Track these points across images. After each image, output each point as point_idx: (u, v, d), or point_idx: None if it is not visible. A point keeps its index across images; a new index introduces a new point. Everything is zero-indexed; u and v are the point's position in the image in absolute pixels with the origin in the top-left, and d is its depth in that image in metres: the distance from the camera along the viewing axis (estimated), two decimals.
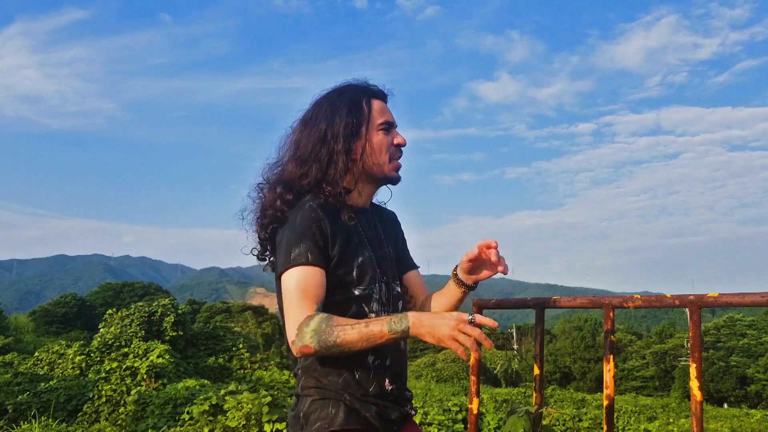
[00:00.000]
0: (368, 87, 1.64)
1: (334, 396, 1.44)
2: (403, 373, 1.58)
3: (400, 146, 1.62)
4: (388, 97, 1.67)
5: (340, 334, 1.31)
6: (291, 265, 1.42)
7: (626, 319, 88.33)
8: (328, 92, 1.62)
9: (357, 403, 1.44)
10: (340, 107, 1.57)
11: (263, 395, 6.22)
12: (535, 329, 1.95)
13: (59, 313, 45.44)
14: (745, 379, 41.04)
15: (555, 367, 51.55)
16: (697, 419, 1.51)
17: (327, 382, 1.45)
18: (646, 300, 1.70)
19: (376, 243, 1.60)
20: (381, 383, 1.49)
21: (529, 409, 1.82)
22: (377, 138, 1.58)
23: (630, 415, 20.79)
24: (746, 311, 47.39)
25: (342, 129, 1.54)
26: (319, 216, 1.46)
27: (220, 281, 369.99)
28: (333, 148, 1.53)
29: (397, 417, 1.51)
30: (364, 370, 1.47)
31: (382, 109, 1.62)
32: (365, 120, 1.57)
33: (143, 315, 15.77)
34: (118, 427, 8.40)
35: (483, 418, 11.35)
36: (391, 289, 1.60)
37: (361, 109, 1.58)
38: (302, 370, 1.50)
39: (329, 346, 1.32)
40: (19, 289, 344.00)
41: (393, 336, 1.31)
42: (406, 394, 1.58)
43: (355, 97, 1.59)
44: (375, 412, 1.45)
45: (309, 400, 1.46)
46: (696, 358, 1.54)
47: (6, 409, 9.59)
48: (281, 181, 1.56)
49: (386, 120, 1.60)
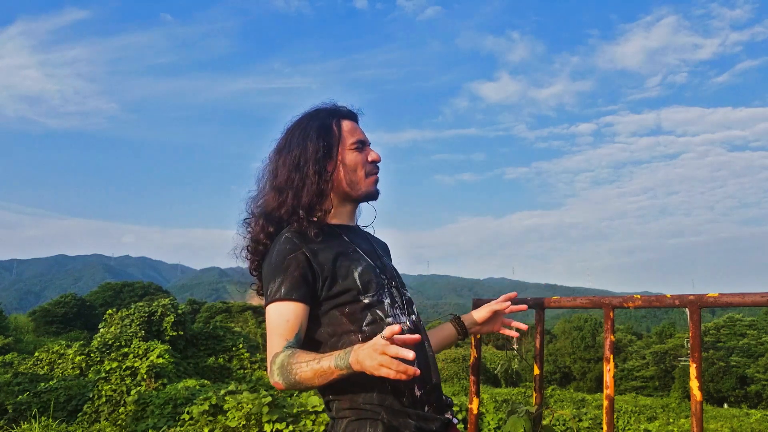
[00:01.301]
0: (337, 109, 1.66)
1: (371, 415, 1.41)
2: (434, 378, 1.52)
3: (375, 162, 1.64)
4: (358, 117, 1.70)
5: (298, 371, 1.33)
6: (267, 302, 1.45)
7: (626, 319, 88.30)
8: (299, 118, 1.65)
9: (395, 420, 1.41)
10: (310, 132, 1.59)
11: (263, 395, 6.22)
12: (535, 329, 1.95)
13: (59, 313, 45.47)
14: (745, 379, 41.07)
15: (555, 367, 51.59)
16: (697, 419, 1.51)
17: (362, 400, 1.43)
18: (646, 300, 1.70)
19: (372, 254, 1.60)
20: (411, 391, 1.46)
21: (529, 409, 1.82)
22: (350, 157, 1.60)
23: (630, 415, 20.80)
24: (746, 311, 47.40)
25: (313, 153, 1.56)
26: (295, 245, 1.47)
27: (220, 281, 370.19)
28: (306, 172, 1.55)
29: (438, 427, 1.47)
30: (394, 381, 1.40)
31: (352, 128, 1.64)
32: (336, 141, 1.59)
33: (143, 315, 15.78)
34: (118, 427, 8.40)
35: (483, 418, 11.35)
36: (402, 294, 1.60)
37: (331, 131, 1.60)
38: (334, 393, 1.47)
39: (293, 383, 1.34)
40: (19, 289, 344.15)
41: (341, 372, 1.29)
42: (444, 401, 1.54)
43: (325, 120, 1.61)
44: (414, 427, 1.42)
45: (345, 422, 1.43)
46: (696, 358, 1.54)
47: (6, 409, 9.60)
48: (263, 214, 1.58)
49: (358, 139, 1.62)
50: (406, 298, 1.61)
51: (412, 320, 1.57)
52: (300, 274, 1.44)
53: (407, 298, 1.61)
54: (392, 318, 1.50)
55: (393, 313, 1.52)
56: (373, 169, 1.64)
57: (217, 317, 42.98)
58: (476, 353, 2.02)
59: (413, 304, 1.63)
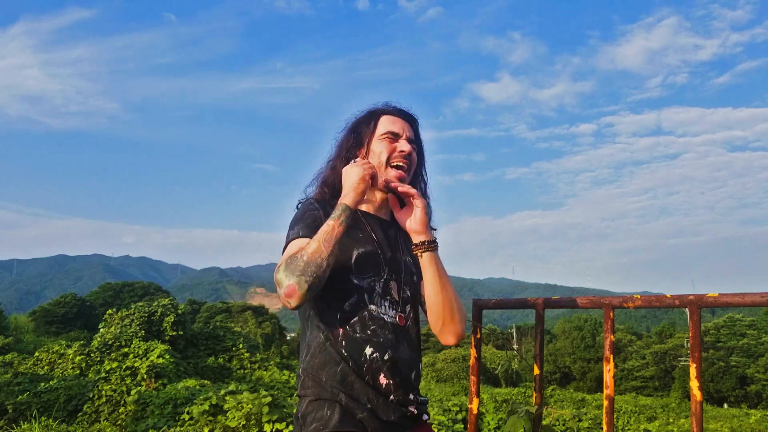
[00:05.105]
0: (386, 106, 1.75)
1: (330, 396, 1.45)
2: (405, 371, 1.53)
3: (403, 154, 1.66)
4: (412, 117, 1.76)
5: (305, 252, 1.39)
6: (285, 245, 1.53)
7: (626, 319, 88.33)
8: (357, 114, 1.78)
9: (352, 402, 1.44)
10: (350, 124, 1.75)
11: (263, 395, 6.22)
12: (535, 329, 1.95)
13: (59, 313, 45.47)
14: (745, 379, 41.03)
15: (555, 367, 51.56)
16: (697, 419, 1.51)
17: (325, 377, 1.46)
18: (646, 300, 1.70)
19: (386, 246, 1.61)
20: (375, 377, 1.48)
21: (529, 409, 1.82)
22: (378, 145, 1.67)
23: (630, 415, 20.78)
24: (746, 311, 47.38)
25: (344, 141, 1.72)
26: (315, 207, 1.59)
27: (220, 281, 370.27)
28: (335, 156, 1.72)
29: (397, 418, 1.48)
30: (361, 362, 1.47)
31: (390, 121, 1.71)
32: (370, 131, 1.69)
33: (143, 315, 15.77)
34: (118, 427, 8.40)
35: (483, 418, 11.35)
36: (402, 291, 1.60)
37: (367, 123, 1.71)
38: (302, 371, 1.53)
39: (302, 269, 1.37)
40: (19, 289, 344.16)
41: (339, 220, 1.44)
42: (411, 396, 1.53)
43: (366, 115, 1.74)
44: (368, 411, 1.44)
45: (307, 400, 1.48)
46: (696, 358, 1.54)
47: (6, 409, 9.59)
48: (312, 183, 1.76)
49: (390, 130, 1.69)
50: (404, 295, 1.60)
51: (399, 315, 1.57)
52: (315, 224, 1.52)
53: (406, 296, 1.61)
54: (376, 306, 1.53)
55: (380, 303, 1.55)
56: (401, 160, 1.66)
57: (217, 317, 43.02)
58: (476, 353, 2.02)
59: (409, 303, 1.63)
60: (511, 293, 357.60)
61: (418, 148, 1.75)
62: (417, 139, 1.75)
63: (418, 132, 1.76)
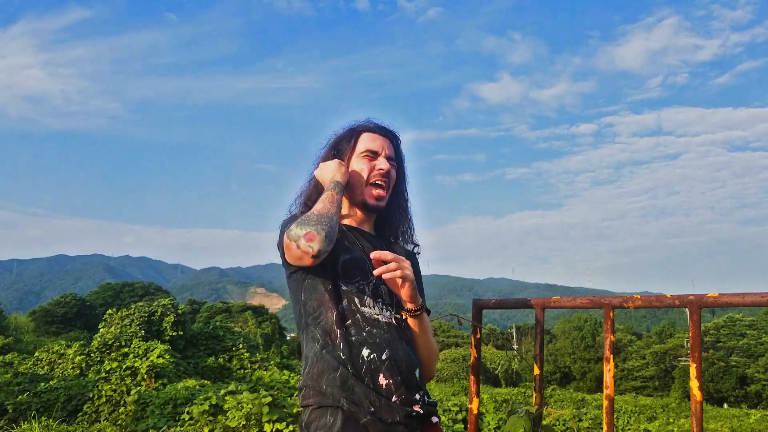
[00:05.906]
0: (367, 123, 1.76)
1: (332, 403, 1.44)
2: (406, 369, 1.52)
3: (381, 172, 1.68)
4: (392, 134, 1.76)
5: (314, 210, 1.49)
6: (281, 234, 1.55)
7: (626, 319, 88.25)
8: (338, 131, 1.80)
9: (354, 407, 1.43)
10: (330, 141, 1.77)
11: (263, 395, 6.22)
12: (535, 329, 1.95)
13: (59, 313, 45.42)
14: (745, 379, 41.03)
15: (555, 367, 51.58)
16: (697, 419, 1.51)
17: (325, 383, 1.46)
18: (646, 300, 1.70)
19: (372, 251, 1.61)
20: (375, 378, 1.47)
21: (529, 409, 1.82)
22: (357, 164, 1.70)
23: (630, 415, 20.78)
24: (746, 311, 47.37)
25: (325, 158, 1.73)
26: None
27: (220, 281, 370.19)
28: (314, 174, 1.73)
29: (402, 419, 1.46)
30: (359, 365, 1.47)
31: (370, 139, 1.72)
32: (350, 148, 1.72)
33: (143, 315, 15.77)
34: (118, 427, 8.39)
35: (483, 418, 11.35)
36: (393, 295, 1.61)
37: (349, 140, 1.73)
38: (303, 383, 1.53)
39: (316, 220, 1.44)
40: (19, 289, 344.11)
41: (336, 190, 1.55)
42: (417, 395, 1.52)
43: (346, 132, 1.75)
44: (371, 414, 1.43)
45: (309, 409, 1.49)
46: (696, 358, 1.54)
47: (6, 409, 9.59)
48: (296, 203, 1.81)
49: (369, 148, 1.70)
50: (397, 298, 1.61)
51: (395, 316, 1.59)
52: None
53: (398, 299, 1.62)
54: (369, 308, 1.55)
55: (373, 305, 1.56)
56: (379, 179, 1.68)
57: (217, 317, 42.95)
58: (476, 353, 2.02)
59: (401, 306, 1.63)
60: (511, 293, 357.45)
61: (399, 165, 1.76)
62: (397, 157, 1.76)
63: (399, 149, 1.78)
